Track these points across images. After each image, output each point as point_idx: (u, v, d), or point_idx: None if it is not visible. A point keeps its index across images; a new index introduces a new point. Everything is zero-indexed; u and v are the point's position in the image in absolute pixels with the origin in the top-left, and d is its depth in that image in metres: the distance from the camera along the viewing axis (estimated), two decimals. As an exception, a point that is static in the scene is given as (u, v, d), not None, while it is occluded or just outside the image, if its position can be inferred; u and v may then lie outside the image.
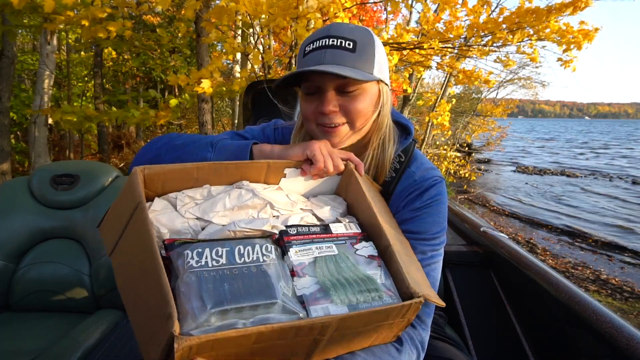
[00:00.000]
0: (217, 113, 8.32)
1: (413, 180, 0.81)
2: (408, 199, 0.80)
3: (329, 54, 0.73)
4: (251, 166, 0.70)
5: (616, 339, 0.78)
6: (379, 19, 9.52)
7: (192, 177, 0.66)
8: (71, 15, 2.77)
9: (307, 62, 0.75)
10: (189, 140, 0.78)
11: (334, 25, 0.76)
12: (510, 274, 1.30)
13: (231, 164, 0.68)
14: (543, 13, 3.30)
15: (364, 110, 0.77)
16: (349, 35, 0.74)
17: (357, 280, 0.60)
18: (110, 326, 1.37)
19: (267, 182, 0.73)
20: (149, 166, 0.62)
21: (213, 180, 0.68)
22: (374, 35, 0.78)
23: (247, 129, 0.92)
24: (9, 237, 1.44)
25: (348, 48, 0.74)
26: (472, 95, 14.84)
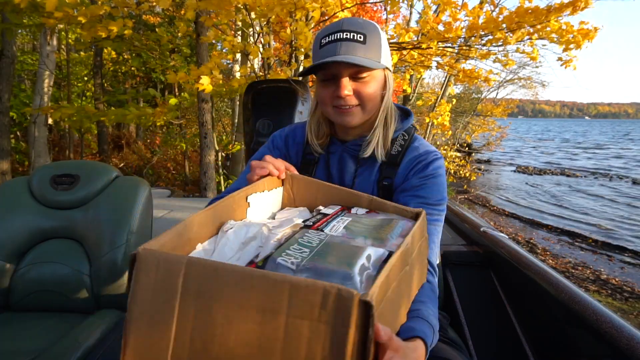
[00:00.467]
0: (217, 113, 8.32)
1: (418, 154, 0.94)
2: (416, 169, 0.93)
3: (344, 46, 0.85)
4: (230, 207, 0.70)
5: (616, 339, 0.78)
6: (379, 18, 9.53)
7: (186, 239, 0.61)
8: (71, 13, 2.77)
9: (324, 53, 0.86)
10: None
11: (345, 20, 0.88)
12: (510, 274, 1.30)
13: (215, 212, 0.67)
14: (543, 13, 3.30)
15: (374, 94, 0.89)
16: (360, 29, 0.86)
17: (382, 226, 0.68)
18: (110, 326, 1.37)
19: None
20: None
21: (203, 233, 0.64)
22: (379, 29, 0.91)
23: (262, 154, 0.98)
24: (9, 237, 1.44)
25: (359, 40, 0.85)
26: (472, 95, 14.84)
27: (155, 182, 8.51)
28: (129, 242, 1.47)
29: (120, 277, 1.46)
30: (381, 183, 0.95)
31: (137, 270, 0.49)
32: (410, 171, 0.93)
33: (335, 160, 1.00)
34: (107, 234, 1.46)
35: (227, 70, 7.76)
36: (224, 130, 8.31)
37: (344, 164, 0.99)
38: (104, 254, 1.45)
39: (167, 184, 8.45)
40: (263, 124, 2.17)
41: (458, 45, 3.88)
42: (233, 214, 0.71)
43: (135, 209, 1.51)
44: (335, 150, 1.00)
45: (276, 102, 2.21)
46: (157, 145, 10.37)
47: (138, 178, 1.64)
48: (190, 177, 8.78)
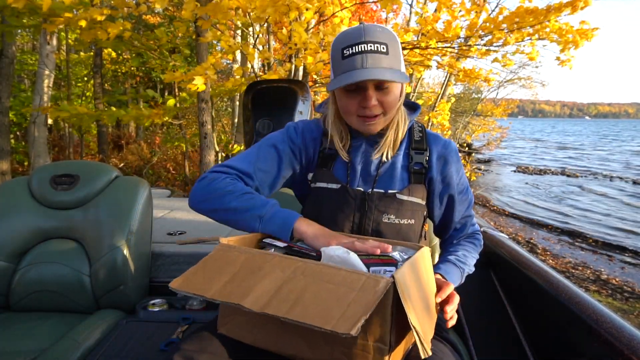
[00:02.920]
0: (217, 113, 8.31)
1: (444, 142, 1.05)
2: (451, 160, 1.04)
3: (370, 58, 0.88)
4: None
5: (616, 339, 0.78)
6: (379, 18, 9.52)
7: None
8: (70, 17, 2.77)
9: (349, 65, 0.89)
10: (242, 206, 0.93)
11: (366, 28, 0.90)
12: (510, 274, 1.30)
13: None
14: (542, 13, 3.30)
15: (395, 101, 0.95)
16: (381, 39, 0.89)
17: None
18: (110, 326, 1.37)
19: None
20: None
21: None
22: (396, 35, 0.94)
23: (277, 142, 1.04)
24: (9, 237, 1.44)
25: (383, 51, 0.89)
26: (472, 95, 14.84)
27: (155, 182, 8.50)
28: (129, 242, 1.47)
29: (120, 277, 1.46)
30: (412, 168, 1.02)
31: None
32: (441, 170, 1.03)
33: (358, 153, 1.02)
34: (107, 234, 1.46)
35: (227, 70, 7.76)
36: (223, 130, 8.31)
37: (367, 156, 1.01)
38: (104, 254, 1.45)
39: (167, 184, 8.44)
40: (263, 124, 2.17)
41: (457, 44, 3.88)
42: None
43: (135, 209, 1.51)
44: (357, 144, 1.03)
45: (276, 102, 2.21)
46: (157, 145, 10.37)
47: (138, 178, 1.64)
48: (190, 177, 8.77)
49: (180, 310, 1.48)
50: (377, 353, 0.70)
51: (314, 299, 0.65)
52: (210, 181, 0.96)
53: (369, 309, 0.62)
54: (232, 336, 0.81)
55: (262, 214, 0.92)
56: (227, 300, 0.68)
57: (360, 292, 0.65)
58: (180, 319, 1.41)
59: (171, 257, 1.72)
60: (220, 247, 0.82)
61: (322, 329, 0.60)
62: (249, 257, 0.77)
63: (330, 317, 0.62)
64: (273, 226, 0.91)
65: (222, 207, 0.93)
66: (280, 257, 0.76)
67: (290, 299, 0.66)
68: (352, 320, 0.60)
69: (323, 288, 0.67)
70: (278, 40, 5.78)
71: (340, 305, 0.63)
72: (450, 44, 3.86)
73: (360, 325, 0.59)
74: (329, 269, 0.72)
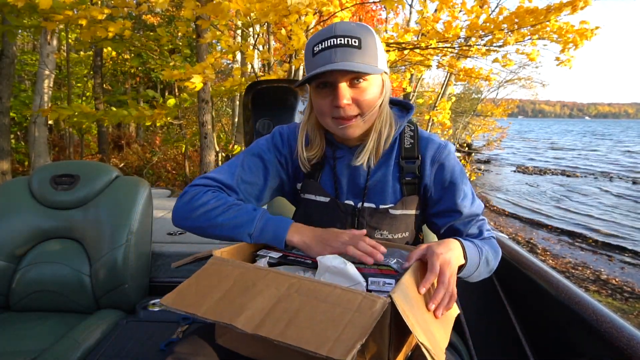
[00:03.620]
0: (217, 113, 8.31)
1: (438, 144, 0.96)
2: (448, 164, 0.95)
3: (339, 53, 0.82)
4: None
5: (616, 339, 0.78)
6: (379, 18, 9.52)
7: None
8: (70, 15, 2.77)
9: (318, 61, 0.83)
10: (229, 222, 0.89)
11: (337, 25, 0.84)
12: (510, 274, 1.30)
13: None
14: (542, 13, 3.30)
15: (373, 101, 0.87)
16: (354, 33, 0.83)
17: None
18: (110, 326, 1.37)
19: None
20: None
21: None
22: (373, 31, 0.87)
23: (262, 152, 1.00)
24: (9, 237, 1.44)
25: (354, 45, 0.82)
26: (472, 95, 14.84)
27: (155, 182, 8.50)
28: (129, 242, 1.47)
29: (120, 277, 1.46)
30: (404, 179, 0.95)
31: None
32: (436, 175, 0.95)
33: (343, 165, 0.96)
34: (107, 234, 1.46)
35: (228, 71, 7.76)
36: (223, 130, 8.31)
37: (354, 168, 0.95)
38: (104, 254, 1.45)
39: (167, 184, 8.44)
40: (263, 124, 2.17)
41: (458, 44, 3.88)
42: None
43: (135, 209, 1.51)
44: (343, 155, 0.97)
45: (276, 102, 2.21)
46: (157, 146, 10.37)
47: (138, 178, 1.64)
48: (190, 177, 8.77)
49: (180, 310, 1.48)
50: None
51: (309, 320, 0.64)
52: (192, 197, 0.92)
53: (365, 333, 0.60)
54: (230, 348, 0.80)
55: (251, 232, 0.88)
56: (219, 320, 0.67)
57: (356, 312, 0.64)
58: (180, 319, 1.41)
59: (171, 257, 1.72)
60: (214, 260, 0.81)
61: (317, 354, 0.59)
62: (242, 272, 0.76)
63: (325, 339, 0.60)
64: (265, 240, 0.88)
65: (208, 224, 0.90)
66: (274, 274, 0.75)
67: (284, 319, 0.65)
68: (347, 344, 0.59)
69: (318, 308, 0.66)
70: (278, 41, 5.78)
71: (336, 327, 0.62)
72: (450, 44, 3.86)
73: (355, 351, 0.58)
74: (324, 287, 0.70)
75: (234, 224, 0.88)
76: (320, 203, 0.97)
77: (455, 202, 0.94)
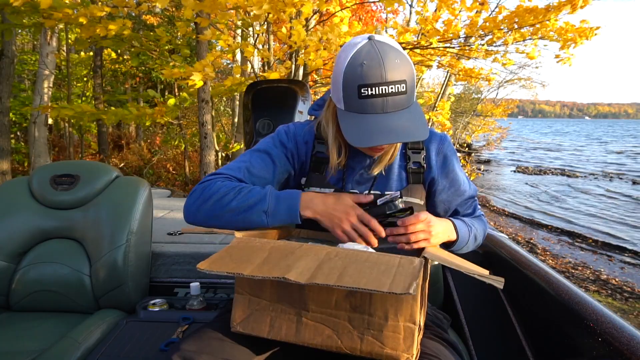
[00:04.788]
0: (217, 113, 8.31)
1: (440, 137, 1.03)
2: (450, 154, 1.03)
3: (391, 102, 0.83)
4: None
5: (616, 339, 0.78)
6: (379, 18, 9.52)
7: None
8: (70, 13, 2.77)
9: (367, 107, 0.83)
10: (242, 204, 0.89)
11: (387, 65, 0.82)
12: (510, 274, 1.30)
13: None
14: (541, 12, 3.30)
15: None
16: (401, 76, 0.83)
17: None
18: (110, 326, 1.37)
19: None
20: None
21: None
22: (409, 59, 0.88)
23: (268, 148, 1.01)
24: (9, 237, 1.44)
25: (402, 92, 0.83)
26: (472, 95, 14.84)
27: (155, 182, 8.50)
28: (129, 242, 1.47)
29: (120, 277, 1.46)
30: (410, 168, 1.00)
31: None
32: (441, 165, 1.02)
33: (354, 159, 1.00)
34: (107, 234, 1.46)
35: (227, 70, 7.76)
36: (223, 130, 8.31)
37: (360, 158, 0.99)
38: (104, 254, 1.45)
39: (167, 184, 8.45)
40: (263, 124, 2.17)
41: (458, 43, 3.88)
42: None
43: (135, 209, 1.51)
44: (354, 151, 1.00)
45: (276, 102, 2.21)
46: (157, 145, 10.37)
47: (138, 178, 1.64)
48: (190, 177, 8.77)
49: (180, 310, 1.48)
50: (407, 333, 0.71)
51: (359, 273, 0.67)
52: (202, 189, 0.92)
53: (415, 276, 0.65)
54: (249, 332, 0.79)
55: (265, 208, 0.88)
56: (268, 275, 0.67)
57: (399, 267, 0.68)
58: (180, 319, 1.41)
59: (171, 257, 1.72)
60: (240, 239, 0.81)
61: (379, 291, 0.61)
62: (275, 246, 0.77)
63: (381, 283, 0.63)
64: (281, 217, 0.89)
65: (223, 210, 0.89)
66: (308, 245, 0.77)
67: (335, 273, 0.66)
68: (404, 283, 0.63)
69: (363, 266, 0.69)
70: (278, 40, 5.78)
71: (387, 275, 0.65)
72: (450, 44, 3.86)
73: (415, 286, 0.62)
74: (361, 253, 0.74)
75: (248, 204, 0.88)
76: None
77: (457, 189, 1.04)
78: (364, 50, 0.83)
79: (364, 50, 0.83)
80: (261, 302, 0.78)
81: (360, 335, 0.73)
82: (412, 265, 0.69)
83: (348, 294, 0.73)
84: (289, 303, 0.77)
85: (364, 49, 0.84)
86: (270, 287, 0.78)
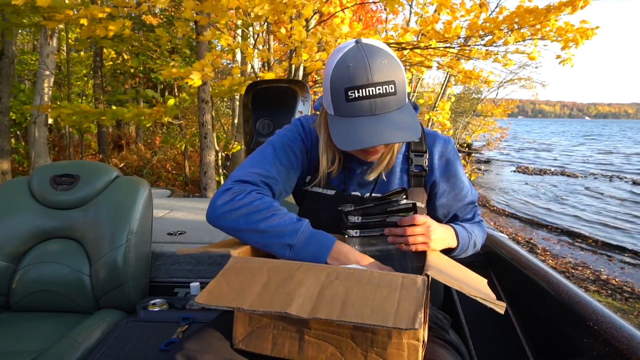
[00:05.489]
0: (217, 113, 8.31)
1: (444, 140, 1.01)
2: (453, 159, 1.02)
3: (379, 104, 0.81)
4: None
5: (616, 339, 0.78)
6: (379, 18, 9.52)
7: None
8: (70, 14, 2.77)
9: (355, 110, 0.82)
10: (271, 229, 0.84)
11: (372, 65, 0.80)
12: (510, 274, 1.30)
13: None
14: (542, 13, 3.30)
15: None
16: (389, 77, 0.81)
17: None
18: (110, 326, 1.37)
19: None
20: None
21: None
22: (399, 63, 0.85)
23: (290, 142, 0.99)
24: (9, 237, 1.44)
25: (391, 93, 0.82)
26: (472, 95, 14.84)
27: (155, 182, 8.51)
28: (129, 242, 1.47)
29: (120, 277, 1.46)
30: (412, 171, 1.00)
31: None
32: (443, 169, 1.01)
33: (353, 160, 0.99)
34: (107, 234, 1.46)
35: (227, 71, 7.76)
36: (223, 130, 8.31)
37: (361, 161, 0.98)
38: (104, 254, 1.45)
39: (167, 184, 8.45)
40: (263, 124, 2.17)
41: (457, 43, 3.88)
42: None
43: (135, 209, 1.51)
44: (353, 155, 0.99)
45: (276, 102, 2.21)
46: (157, 146, 10.37)
47: (138, 178, 1.64)
48: (190, 177, 8.78)
49: (180, 310, 1.48)
50: (411, 350, 0.71)
51: (362, 300, 0.65)
52: (234, 195, 0.87)
53: (420, 304, 0.63)
54: (252, 350, 0.78)
55: (293, 243, 0.84)
56: (269, 310, 0.66)
57: (402, 290, 0.67)
58: (180, 319, 1.41)
59: (171, 257, 1.72)
60: (235, 259, 0.79)
61: (384, 327, 0.60)
62: (273, 267, 0.75)
63: (385, 314, 0.62)
64: (305, 257, 0.84)
65: (248, 227, 0.85)
66: (307, 264, 0.75)
67: (337, 302, 0.65)
68: (408, 314, 0.62)
69: (365, 290, 0.67)
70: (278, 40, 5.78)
71: (391, 303, 0.64)
72: (450, 44, 3.86)
73: (419, 319, 0.61)
74: (362, 272, 0.72)
75: (276, 232, 0.84)
76: (327, 196, 1.00)
77: (457, 194, 1.03)
78: (350, 54, 0.82)
79: (350, 54, 0.82)
80: (262, 320, 0.77)
81: (364, 352, 0.72)
82: (416, 287, 0.67)
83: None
84: (290, 321, 0.75)
85: (350, 52, 0.82)
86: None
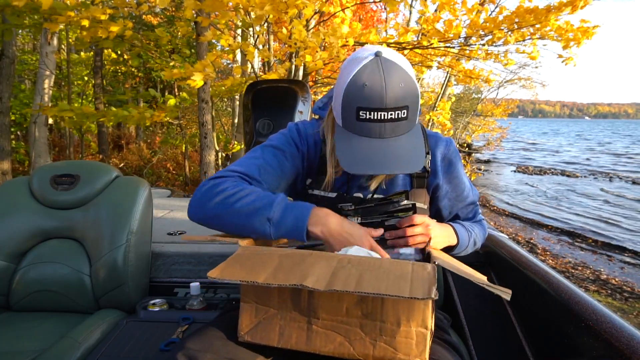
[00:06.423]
0: (217, 113, 8.31)
1: (445, 141, 1.01)
2: (455, 160, 1.03)
3: (389, 128, 0.80)
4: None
5: (616, 339, 0.78)
6: (379, 18, 9.52)
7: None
8: (72, 16, 2.77)
9: (364, 129, 0.81)
10: (247, 207, 0.84)
11: (389, 89, 0.77)
12: (510, 274, 1.30)
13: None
14: (542, 12, 3.30)
15: None
16: (404, 101, 0.79)
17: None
18: (110, 326, 1.37)
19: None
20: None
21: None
22: (416, 83, 0.83)
23: (281, 145, 0.98)
24: (9, 237, 1.44)
25: (403, 118, 0.80)
26: (472, 95, 14.85)
27: (155, 182, 8.51)
28: (129, 242, 1.47)
29: (120, 277, 1.46)
30: (414, 172, 0.97)
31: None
32: (445, 171, 1.02)
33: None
34: (107, 234, 1.46)
35: (228, 71, 7.76)
36: (223, 130, 8.31)
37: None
38: (104, 254, 1.45)
39: (167, 184, 8.45)
40: (263, 124, 2.17)
41: (458, 43, 3.88)
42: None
43: (135, 209, 1.51)
44: None
45: (276, 102, 2.21)
46: (157, 145, 10.37)
47: (138, 178, 1.64)
48: (190, 177, 8.78)
49: (180, 310, 1.48)
50: (420, 338, 0.71)
51: (376, 279, 0.67)
52: (210, 186, 0.88)
53: (433, 281, 0.66)
54: (258, 341, 0.78)
55: (270, 215, 0.83)
56: (285, 283, 0.66)
57: (414, 273, 0.69)
58: (180, 319, 1.41)
59: (171, 257, 1.72)
60: (245, 247, 0.79)
61: (401, 296, 0.62)
62: (284, 254, 0.75)
63: (400, 288, 0.64)
64: (286, 228, 0.84)
65: (225, 211, 0.84)
66: (317, 252, 0.76)
67: (352, 279, 0.66)
68: (424, 288, 0.63)
69: (378, 272, 0.69)
70: (278, 40, 5.78)
71: (405, 281, 0.66)
72: (451, 44, 3.86)
73: (435, 290, 0.63)
74: (372, 260, 0.74)
75: (252, 208, 0.83)
76: (328, 198, 0.99)
77: (459, 195, 1.05)
78: (368, 70, 0.79)
79: (367, 69, 0.79)
80: (269, 311, 0.77)
81: (372, 341, 0.72)
82: (426, 271, 0.70)
83: (359, 301, 0.72)
84: (297, 311, 0.75)
85: (368, 67, 0.79)
86: (277, 296, 0.76)
